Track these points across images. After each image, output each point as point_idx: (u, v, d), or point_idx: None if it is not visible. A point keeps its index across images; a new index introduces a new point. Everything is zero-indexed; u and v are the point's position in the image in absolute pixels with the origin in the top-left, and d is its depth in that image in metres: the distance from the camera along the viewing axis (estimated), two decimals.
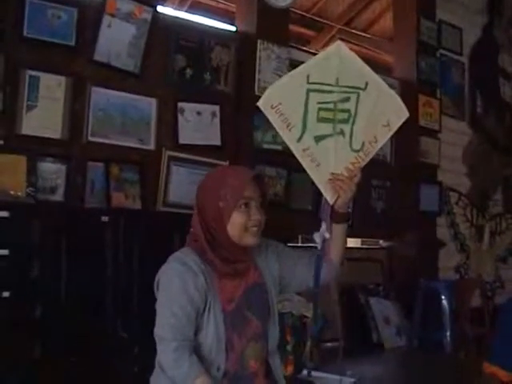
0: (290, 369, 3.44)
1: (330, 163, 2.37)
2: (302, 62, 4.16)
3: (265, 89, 3.94)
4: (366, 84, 2.40)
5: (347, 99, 2.39)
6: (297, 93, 2.36)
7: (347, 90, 2.39)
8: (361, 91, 2.39)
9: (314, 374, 3.36)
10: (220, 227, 2.24)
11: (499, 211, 6.24)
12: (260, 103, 2.35)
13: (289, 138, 2.36)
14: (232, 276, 2.29)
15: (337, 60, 2.37)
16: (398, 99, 2.46)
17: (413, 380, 3.57)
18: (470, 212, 5.87)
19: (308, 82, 2.36)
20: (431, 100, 5.43)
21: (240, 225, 2.24)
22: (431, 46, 5.51)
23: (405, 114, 2.44)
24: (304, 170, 2.38)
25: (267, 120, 2.37)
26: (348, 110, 2.39)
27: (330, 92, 2.38)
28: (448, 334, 4.42)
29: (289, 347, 3.46)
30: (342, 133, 2.38)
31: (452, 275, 5.57)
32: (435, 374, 3.77)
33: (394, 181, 5.10)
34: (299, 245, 4.74)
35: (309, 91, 2.36)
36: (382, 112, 2.42)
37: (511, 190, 6.32)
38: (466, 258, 5.78)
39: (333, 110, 2.37)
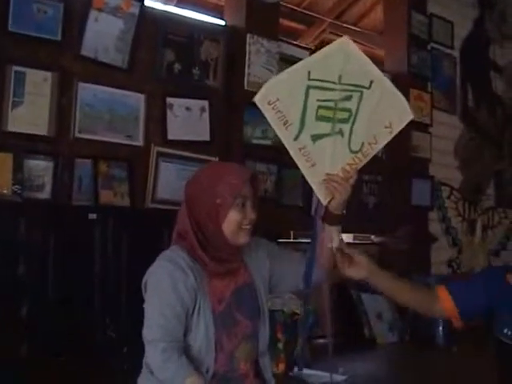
0: (282, 367, 3.41)
1: (326, 163, 2.31)
2: (292, 57, 4.19)
3: (254, 83, 3.99)
4: (371, 83, 2.32)
5: (349, 98, 2.31)
6: (296, 89, 2.29)
7: (350, 88, 2.31)
8: (364, 90, 2.31)
9: (305, 371, 3.33)
10: (214, 224, 2.20)
11: (491, 205, 6.22)
12: (256, 99, 2.28)
13: (285, 136, 2.30)
14: (222, 275, 2.25)
15: (341, 56, 2.29)
16: (403, 100, 2.37)
17: (405, 376, 3.54)
18: (461, 206, 5.85)
19: (309, 79, 2.29)
20: (422, 94, 5.40)
21: (236, 223, 2.20)
22: (422, 39, 5.48)
23: (409, 116, 2.37)
24: (295, 166, 2.33)
25: (257, 115, 2.32)
26: (349, 110, 2.31)
27: (332, 90, 2.30)
28: (440, 329, 4.40)
29: (280, 345, 3.43)
30: (340, 132, 2.32)
31: (444, 270, 5.56)
32: (428, 370, 3.76)
33: (386, 175, 5.08)
34: (291, 240, 4.70)
35: (309, 88, 2.29)
36: (385, 113, 2.34)
37: (503, 184, 6.31)
38: (458, 252, 5.76)
39: (333, 109, 2.30)
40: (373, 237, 5.24)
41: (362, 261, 2.33)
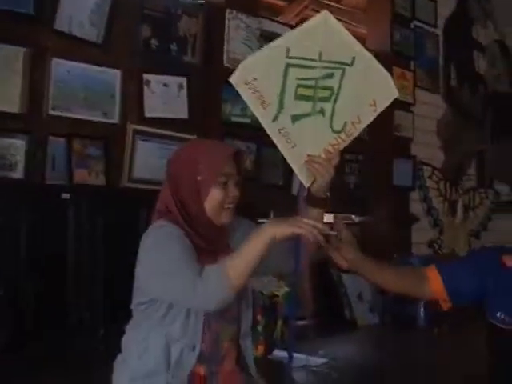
0: (261, 349, 3.37)
1: (307, 144, 2.22)
2: (273, 33, 4.09)
3: (234, 60, 3.91)
4: (353, 59, 2.23)
5: (330, 75, 2.22)
6: (274, 68, 2.19)
7: (331, 65, 2.21)
8: (347, 67, 2.21)
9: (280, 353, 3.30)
10: (196, 202, 2.13)
11: (473, 186, 6.21)
12: (232, 79, 2.18)
13: (263, 117, 2.21)
14: (210, 255, 2.17)
15: (321, 32, 2.19)
16: (388, 77, 2.28)
17: (386, 359, 3.51)
18: (443, 186, 5.82)
19: (288, 57, 2.18)
20: (405, 72, 5.35)
21: (217, 201, 2.14)
22: (405, 17, 5.43)
23: (393, 94, 2.28)
24: (275, 145, 2.26)
25: (236, 92, 2.23)
26: (330, 88, 2.22)
27: (312, 68, 2.19)
28: (421, 310, 4.37)
29: (259, 327, 3.38)
30: (321, 112, 2.23)
31: (425, 250, 5.53)
32: (409, 352, 3.74)
33: (367, 155, 5.03)
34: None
35: (288, 66, 2.19)
36: (369, 90, 2.24)
37: (485, 164, 6.29)
38: (439, 233, 5.74)
39: (313, 87, 2.22)
40: (353, 216, 5.19)
41: (347, 253, 2.28)
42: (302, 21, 2.39)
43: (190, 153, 2.22)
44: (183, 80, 3.84)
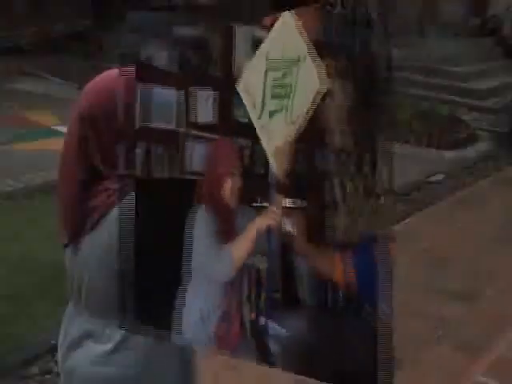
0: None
1: (277, 136, 2.46)
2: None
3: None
4: (305, 55, 2.38)
5: (289, 73, 2.43)
6: (259, 72, 2.43)
7: (288, 64, 2.42)
8: (300, 63, 2.40)
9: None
10: None
11: None
12: (240, 87, 2.38)
13: (253, 116, 2.43)
14: None
15: (284, 33, 2.40)
16: (314, 70, 2.38)
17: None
18: None
19: (267, 59, 2.41)
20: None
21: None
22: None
23: (322, 87, 2.34)
24: None
25: None
26: (290, 85, 2.43)
27: (278, 69, 2.43)
28: None
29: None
30: (285, 107, 2.45)
31: None
32: None
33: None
34: (259, 205, 4.64)
35: (267, 70, 2.43)
36: (311, 82, 2.37)
37: None
38: None
39: (282, 87, 2.42)
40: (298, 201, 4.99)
41: (301, 244, 2.25)
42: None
43: None
44: None
